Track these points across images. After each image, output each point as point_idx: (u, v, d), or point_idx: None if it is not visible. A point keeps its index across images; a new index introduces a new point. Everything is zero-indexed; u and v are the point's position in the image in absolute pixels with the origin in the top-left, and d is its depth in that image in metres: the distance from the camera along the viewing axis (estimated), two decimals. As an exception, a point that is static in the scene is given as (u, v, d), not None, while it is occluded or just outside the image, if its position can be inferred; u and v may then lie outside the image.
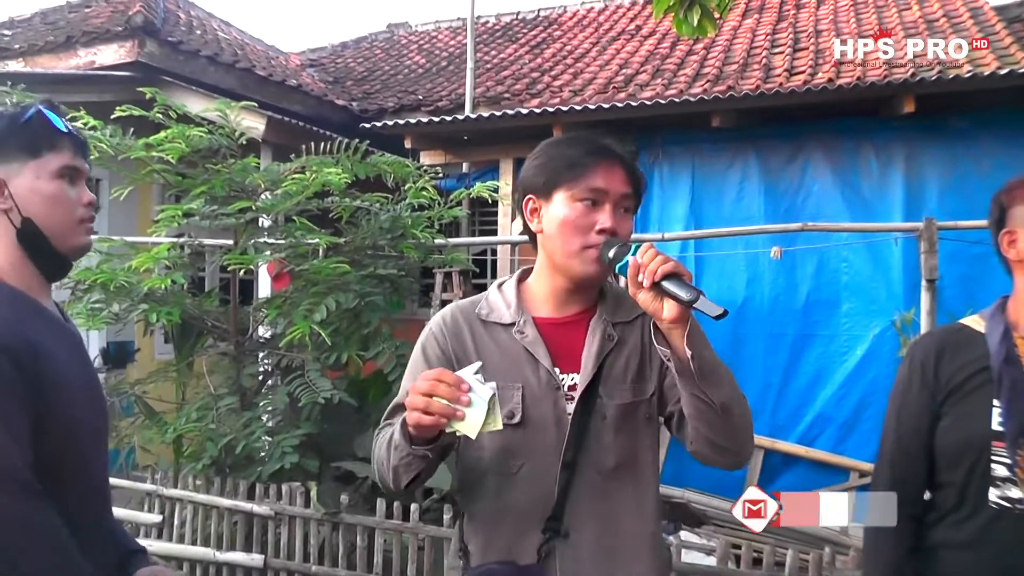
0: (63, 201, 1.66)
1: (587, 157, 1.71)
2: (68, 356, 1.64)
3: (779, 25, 10.31)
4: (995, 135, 6.60)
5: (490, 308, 1.82)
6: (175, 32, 8.68)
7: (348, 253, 5.29)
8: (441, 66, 11.92)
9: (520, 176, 1.85)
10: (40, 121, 1.66)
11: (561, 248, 1.72)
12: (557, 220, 1.71)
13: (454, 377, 1.49)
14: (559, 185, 1.71)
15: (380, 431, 1.77)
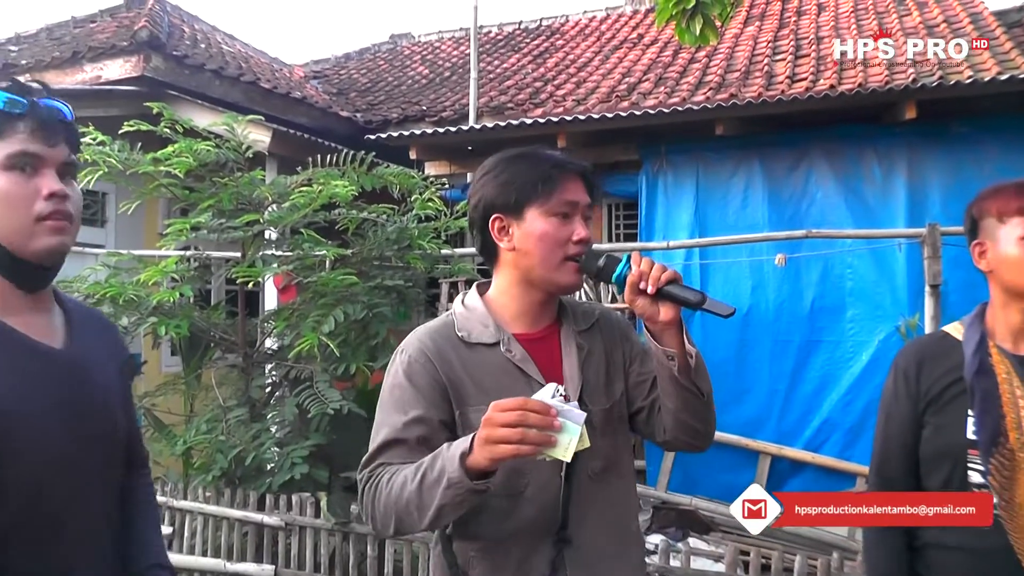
0: (13, 198, 1.37)
1: (555, 171, 1.75)
2: (31, 387, 1.38)
3: (780, 32, 10.35)
4: (997, 139, 6.62)
5: (468, 329, 1.78)
6: (180, 46, 8.75)
7: (355, 264, 5.32)
8: (444, 76, 11.97)
9: (479, 194, 1.81)
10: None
11: (541, 262, 1.73)
12: (534, 235, 1.73)
13: (540, 404, 1.41)
14: (532, 201, 1.73)
15: (376, 474, 1.66)
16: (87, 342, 1.54)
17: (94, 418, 1.48)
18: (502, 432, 1.40)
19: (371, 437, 1.73)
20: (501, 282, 1.83)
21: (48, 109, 1.44)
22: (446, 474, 1.48)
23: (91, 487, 1.47)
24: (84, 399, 1.47)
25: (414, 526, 1.58)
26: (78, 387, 1.46)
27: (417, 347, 1.76)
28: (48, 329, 1.47)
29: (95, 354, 1.55)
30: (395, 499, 1.58)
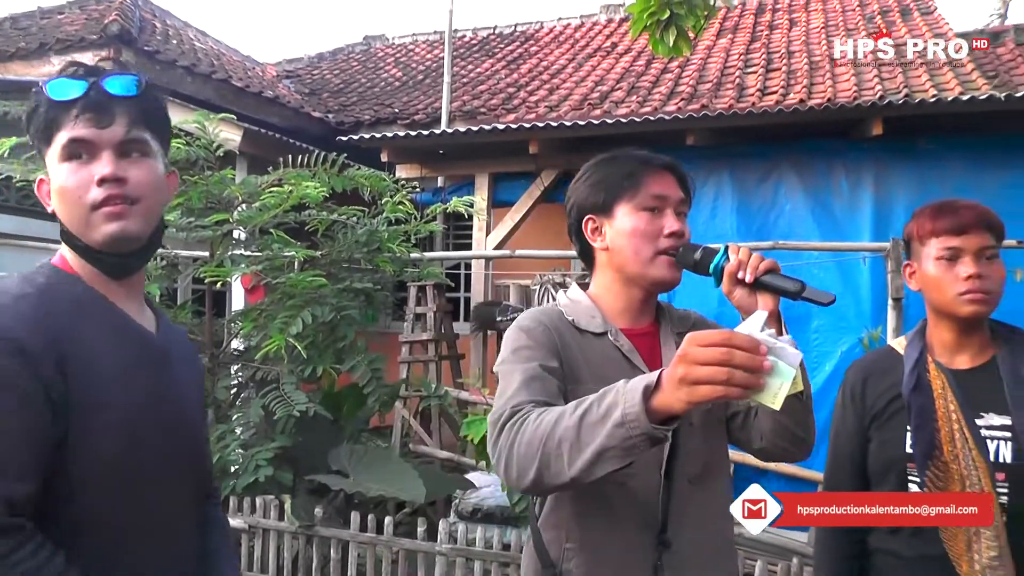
0: (68, 190, 1.33)
1: (641, 167, 1.75)
2: (127, 366, 1.34)
3: (752, 45, 10.44)
4: (960, 158, 6.73)
5: (576, 316, 1.77)
6: (152, 42, 8.67)
7: (324, 266, 5.31)
8: (418, 79, 11.96)
9: (572, 199, 1.85)
10: (43, 101, 1.36)
11: (634, 258, 1.72)
12: (625, 232, 1.73)
13: (748, 340, 1.20)
14: (620, 198, 1.74)
15: (520, 412, 1.49)
16: (171, 341, 1.54)
17: (175, 410, 1.45)
18: (704, 371, 1.19)
19: (499, 394, 1.61)
20: (601, 282, 1.83)
21: (100, 89, 1.36)
22: (620, 408, 1.28)
23: (175, 476, 1.43)
24: (168, 387, 1.44)
25: (560, 473, 1.36)
26: (165, 375, 1.44)
27: (536, 316, 1.75)
28: (141, 314, 1.47)
29: (177, 355, 1.52)
30: (544, 435, 1.39)
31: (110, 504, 1.29)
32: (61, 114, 1.34)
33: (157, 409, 1.38)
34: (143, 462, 1.34)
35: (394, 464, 5.09)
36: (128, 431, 1.31)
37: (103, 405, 1.27)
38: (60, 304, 1.31)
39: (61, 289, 1.34)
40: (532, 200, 8.12)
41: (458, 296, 9.95)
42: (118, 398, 1.30)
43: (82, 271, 1.39)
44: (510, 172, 8.30)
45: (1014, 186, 6.53)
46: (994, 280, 1.95)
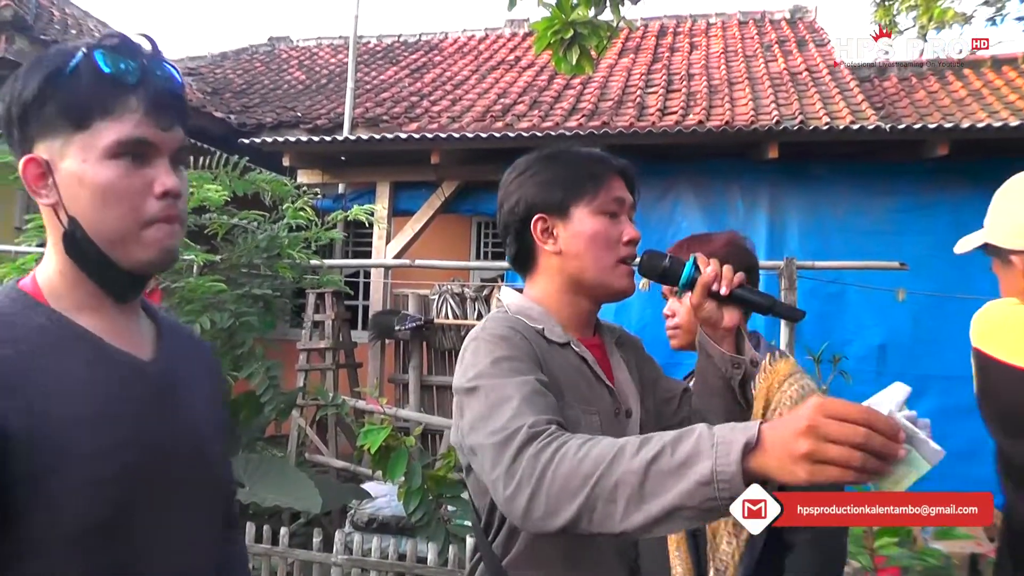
0: (116, 195, 1.11)
1: (602, 167, 1.62)
2: (103, 404, 1.10)
3: (654, 66, 10.68)
4: (849, 183, 7.03)
5: (539, 323, 1.56)
6: (48, 30, 8.34)
7: (224, 271, 5.22)
8: (321, 83, 11.85)
9: (517, 195, 1.62)
10: (90, 72, 1.09)
11: (594, 265, 1.57)
12: (584, 236, 1.56)
13: (888, 424, 1.03)
14: (579, 199, 1.58)
15: (547, 434, 1.25)
16: (177, 358, 1.28)
17: (181, 443, 1.20)
18: (836, 452, 1.01)
19: (487, 412, 1.35)
20: (545, 289, 1.62)
21: (163, 79, 1.15)
22: (707, 463, 1.07)
23: (172, 511, 1.19)
24: (166, 415, 1.19)
25: (608, 522, 1.14)
26: (164, 407, 1.19)
27: (507, 326, 1.51)
28: (134, 338, 1.21)
29: (185, 372, 1.29)
30: (593, 473, 1.14)
31: (89, 566, 1.07)
32: (113, 98, 1.10)
33: (152, 451, 1.14)
34: (135, 515, 1.12)
35: (290, 474, 5.01)
36: (106, 488, 1.07)
37: (63, 467, 1.03)
38: (8, 344, 1.06)
39: (16, 322, 1.09)
40: (432, 210, 8.13)
41: (357, 304, 9.88)
42: (88, 444, 1.06)
43: (65, 293, 1.16)
44: (411, 181, 8.29)
45: (896, 211, 6.86)
46: (683, 316, 2.20)
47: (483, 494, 1.49)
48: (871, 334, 6.56)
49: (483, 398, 1.37)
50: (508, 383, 1.37)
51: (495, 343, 1.46)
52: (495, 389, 1.37)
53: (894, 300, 5.58)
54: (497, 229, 1.70)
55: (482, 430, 1.33)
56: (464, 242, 10.05)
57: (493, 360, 1.42)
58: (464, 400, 1.42)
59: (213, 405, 1.35)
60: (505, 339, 1.47)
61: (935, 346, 6.32)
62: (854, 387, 6.05)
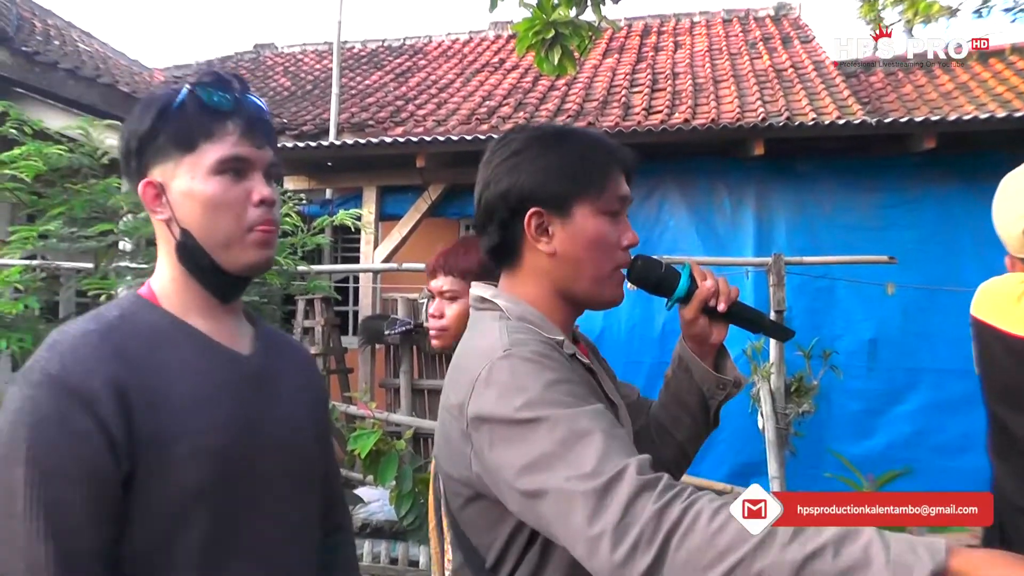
0: (221, 205, 1.28)
1: (611, 160, 1.41)
2: (207, 392, 1.25)
3: (638, 66, 10.67)
4: (836, 178, 7.04)
5: (550, 333, 1.35)
6: (30, 41, 8.25)
7: (211, 278, 5.17)
8: (306, 90, 11.82)
9: (508, 179, 1.38)
10: (193, 105, 1.29)
11: (592, 273, 1.38)
12: (584, 239, 1.36)
13: None
14: (583, 195, 1.36)
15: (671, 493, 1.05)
16: (273, 356, 1.43)
17: (276, 430, 1.34)
18: None
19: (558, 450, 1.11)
20: (531, 291, 1.41)
21: (254, 106, 1.34)
22: None
23: (266, 493, 1.31)
24: (265, 407, 1.34)
25: None
26: (260, 395, 1.35)
27: (535, 339, 1.30)
28: (235, 336, 1.37)
29: (280, 369, 1.43)
30: (728, 552, 0.99)
31: (193, 533, 1.21)
32: (213, 124, 1.29)
33: (250, 432, 1.29)
34: (233, 488, 1.26)
35: (280, 480, 4.99)
36: (210, 459, 1.22)
37: (178, 436, 1.19)
38: (131, 338, 1.24)
39: (136, 321, 1.27)
40: (419, 214, 8.12)
41: (346, 310, 9.84)
42: (196, 426, 1.22)
43: (176, 297, 1.33)
44: (398, 185, 8.28)
45: (884, 206, 6.87)
46: (450, 318, 2.22)
47: (489, 531, 1.30)
48: (861, 328, 6.57)
49: (548, 432, 1.13)
50: (579, 414, 1.14)
51: (540, 363, 1.23)
52: (564, 421, 1.13)
53: (883, 294, 5.58)
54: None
55: (558, 472, 1.09)
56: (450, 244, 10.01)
57: (546, 384, 1.19)
58: (511, 432, 1.17)
59: (309, 403, 1.48)
60: (548, 357, 1.25)
61: (926, 339, 6.34)
62: (845, 382, 6.06)
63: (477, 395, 1.22)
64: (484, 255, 1.47)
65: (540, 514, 1.13)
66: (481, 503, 1.28)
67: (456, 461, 1.29)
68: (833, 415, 6.39)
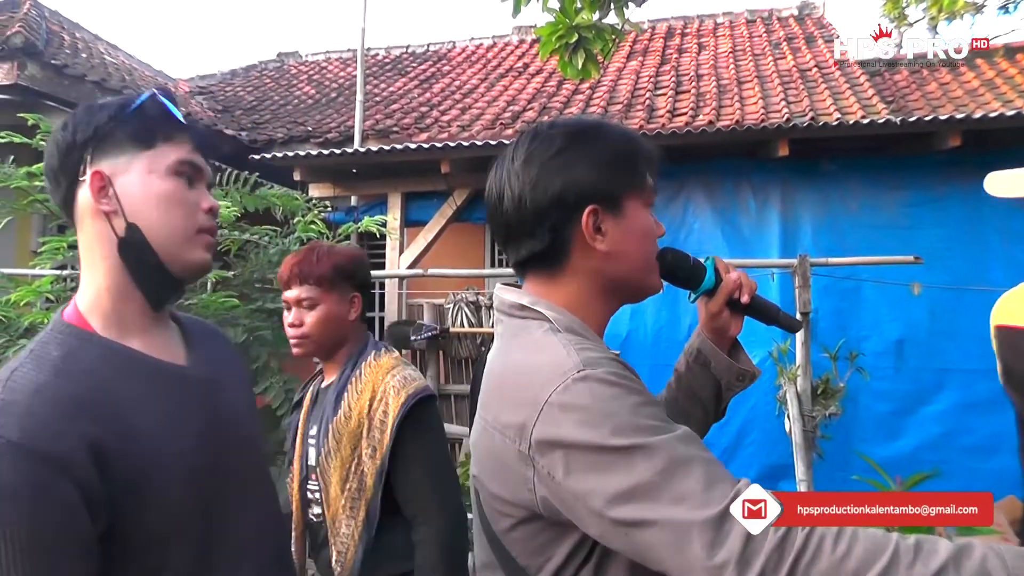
0: (179, 203, 1.32)
1: (648, 153, 1.40)
2: (169, 417, 1.25)
3: (662, 68, 10.66)
4: (861, 178, 7.00)
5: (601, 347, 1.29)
6: (59, 55, 8.37)
7: (237, 287, 5.23)
8: (331, 97, 11.89)
9: (562, 177, 1.31)
10: (155, 107, 1.35)
11: (642, 265, 1.37)
12: (637, 233, 1.35)
13: None
14: (631, 189, 1.35)
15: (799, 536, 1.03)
16: (208, 358, 1.44)
17: (233, 432, 1.38)
18: None
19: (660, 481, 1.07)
20: (578, 294, 1.36)
21: (199, 125, 1.37)
22: None
23: (239, 501, 1.35)
24: (218, 413, 1.36)
25: None
26: (211, 402, 1.35)
27: (604, 356, 1.23)
28: (169, 346, 1.37)
29: (219, 370, 1.45)
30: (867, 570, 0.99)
31: (181, 553, 1.22)
32: (173, 129, 1.36)
33: (214, 443, 1.31)
34: (212, 501, 1.28)
35: (309, 486, 5.02)
36: (187, 483, 1.23)
37: (152, 472, 1.18)
38: (83, 382, 1.18)
39: (81, 359, 1.22)
40: (444, 219, 8.14)
41: (372, 315, 9.88)
42: (167, 457, 1.21)
43: (112, 314, 1.30)
44: (423, 192, 8.31)
45: (911, 205, 6.82)
46: (310, 325, 2.31)
47: (541, 551, 1.24)
48: (888, 329, 6.53)
49: (645, 460, 1.08)
50: (673, 440, 1.11)
51: (621, 385, 1.17)
52: (661, 449, 1.09)
53: (910, 294, 5.54)
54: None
55: (663, 501, 1.06)
56: (477, 250, 10.05)
57: (633, 408, 1.14)
58: (599, 460, 1.11)
59: (246, 389, 1.53)
60: (625, 377, 1.19)
61: (953, 339, 6.28)
62: (872, 383, 6.03)
63: (549, 419, 1.15)
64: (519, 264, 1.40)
65: (639, 542, 1.08)
66: (535, 524, 1.23)
67: (510, 482, 1.23)
68: (860, 417, 6.36)
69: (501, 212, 1.39)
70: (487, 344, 7.66)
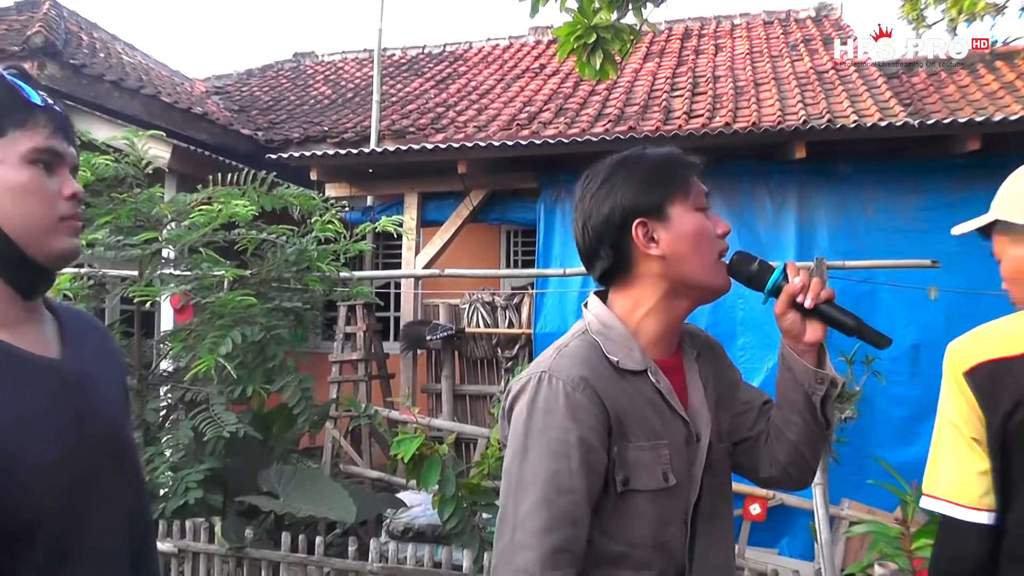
0: (36, 193, 1.27)
1: (686, 164, 1.58)
2: (28, 409, 1.24)
3: (679, 69, 10.65)
4: (878, 181, 6.98)
5: (616, 354, 1.51)
6: (77, 55, 8.44)
7: (254, 286, 5.26)
8: (347, 97, 11.93)
9: (608, 202, 1.54)
10: (4, 90, 1.28)
11: (701, 263, 1.52)
12: (688, 235, 1.51)
13: None
14: (675, 198, 1.52)
15: None
16: (84, 351, 1.42)
17: (98, 427, 1.34)
18: None
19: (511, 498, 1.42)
20: (641, 300, 1.56)
21: (60, 107, 1.34)
22: None
23: (102, 496, 1.32)
24: (85, 407, 1.33)
25: None
26: (78, 396, 1.33)
27: (574, 375, 1.46)
28: (41, 339, 1.34)
29: (94, 364, 1.42)
30: None
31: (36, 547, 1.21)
32: (25, 113, 1.28)
33: (76, 438, 1.28)
34: (70, 495, 1.26)
35: (324, 484, 5.04)
36: (44, 476, 1.22)
37: (9, 464, 1.18)
38: None
39: None
40: (461, 220, 8.16)
41: (388, 315, 9.92)
42: (25, 450, 1.20)
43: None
44: (439, 192, 8.34)
45: (928, 208, 6.79)
46: None
47: None
48: (904, 334, 6.50)
49: (515, 473, 1.43)
50: (540, 479, 1.40)
51: (549, 402, 1.44)
52: (524, 476, 1.42)
53: (926, 299, 5.53)
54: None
55: (509, 504, 1.43)
56: (493, 251, 10.07)
57: (541, 429, 1.43)
58: (512, 441, 1.47)
59: (119, 386, 1.49)
60: (565, 396, 1.43)
61: (970, 344, 6.25)
62: (888, 388, 6.01)
63: (514, 391, 1.51)
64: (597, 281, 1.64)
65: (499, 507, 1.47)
66: None
67: (506, 430, 1.53)
68: (876, 421, 6.34)
69: (577, 242, 1.63)
70: (502, 344, 7.70)
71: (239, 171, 5.33)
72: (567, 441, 1.41)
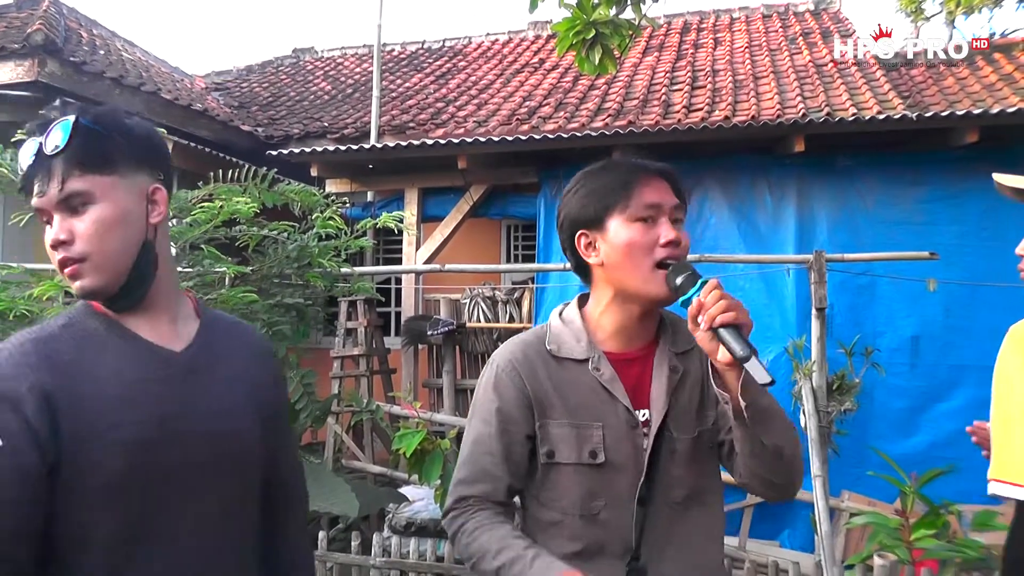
0: (49, 251, 1.38)
1: (631, 175, 1.66)
2: (131, 389, 1.35)
3: (678, 64, 10.65)
4: (877, 174, 6.98)
5: (559, 343, 1.72)
6: (78, 52, 8.41)
7: (255, 282, 5.26)
8: (347, 93, 11.93)
9: (563, 213, 1.76)
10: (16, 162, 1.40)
11: (632, 273, 1.63)
12: (620, 245, 1.63)
13: None
14: (612, 210, 1.65)
15: (460, 514, 1.70)
16: (213, 351, 1.52)
17: (202, 421, 1.43)
18: None
19: (464, 441, 1.76)
20: (597, 299, 1.75)
21: (41, 151, 1.37)
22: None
23: (191, 491, 1.40)
24: (191, 400, 1.43)
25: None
26: (186, 388, 1.43)
27: (508, 357, 1.73)
28: (172, 332, 1.47)
29: (220, 360, 1.52)
30: (471, 558, 1.63)
31: (108, 518, 1.31)
32: (27, 180, 1.40)
33: (171, 425, 1.37)
34: (149, 478, 1.34)
35: (327, 479, 5.05)
36: (127, 452, 1.31)
37: (97, 433, 1.30)
38: (63, 344, 1.35)
39: (76, 328, 1.40)
40: (461, 215, 8.18)
41: (389, 311, 9.94)
42: (115, 423, 1.31)
43: None
44: (439, 187, 8.35)
45: (927, 201, 6.81)
46: None
47: None
48: (903, 325, 6.52)
49: (467, 427, 1.79)
50: (472, 433, 1.75)
51: (488, 379, 1.75)
52: (469, 430, 1.77)
53: (925, 290, 5.54)
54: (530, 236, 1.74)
55: (460, 456, 1.76)
56: (494, 245, 10.08)
57: (480, 400, 1.76)
58: (473, 407, 1.80)
59: (249, 390, 1.54)
60: (498, 372, 1.73)
61: (968, 336, 6.27)
62: (888, 379, 6.03)
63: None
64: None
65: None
66: None
67: None
68: (876, 413, 6.35)
69: None
70: (503, 339, 7.70)
71: (240, 167, 5.33)
72: (490, 411, 1.70)
